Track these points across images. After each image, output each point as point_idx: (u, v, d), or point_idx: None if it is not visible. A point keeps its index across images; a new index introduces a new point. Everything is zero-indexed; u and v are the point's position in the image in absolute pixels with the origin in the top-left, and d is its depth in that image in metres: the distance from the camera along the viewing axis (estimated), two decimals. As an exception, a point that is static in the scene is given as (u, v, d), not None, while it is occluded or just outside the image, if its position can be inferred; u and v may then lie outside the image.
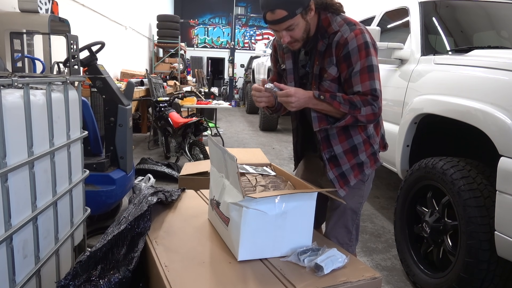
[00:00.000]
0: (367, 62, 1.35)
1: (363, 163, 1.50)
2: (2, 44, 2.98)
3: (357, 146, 1.48)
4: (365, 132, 1.48)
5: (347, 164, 1.49)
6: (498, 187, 1.66)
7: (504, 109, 1.69)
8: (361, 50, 1.34)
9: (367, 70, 1.35)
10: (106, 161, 2.57)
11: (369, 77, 1.35)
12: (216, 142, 1.42)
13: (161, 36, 10.26)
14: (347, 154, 1.48)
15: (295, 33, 1.36)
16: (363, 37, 1.34)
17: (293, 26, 1.34)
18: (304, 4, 1.32)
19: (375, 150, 1.52)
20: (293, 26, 1.34)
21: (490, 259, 1.73)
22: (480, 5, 2.90)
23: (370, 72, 1.35)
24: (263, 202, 1.23)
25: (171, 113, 4.73)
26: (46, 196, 1.48)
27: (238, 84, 16.28)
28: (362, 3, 7.97)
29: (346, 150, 1.47)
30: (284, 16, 1.31)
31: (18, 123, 1.27)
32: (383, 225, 3.16)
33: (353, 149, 1.48)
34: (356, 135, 1.47)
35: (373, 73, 1.36)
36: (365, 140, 1.48)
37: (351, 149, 1.48)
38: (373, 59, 1.36)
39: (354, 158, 1.49)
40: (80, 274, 1.23)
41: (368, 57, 1.35)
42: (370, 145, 1.50)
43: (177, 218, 1.59)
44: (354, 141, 1.47)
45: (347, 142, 1.47)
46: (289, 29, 1.35)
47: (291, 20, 1.32)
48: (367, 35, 1.36)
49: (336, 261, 1.24)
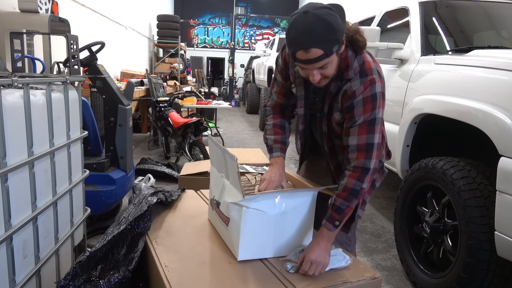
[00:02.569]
0: (371, 116, 1.28)
1: (375, 180, 1.51)
2: (2, 44, 2.98)
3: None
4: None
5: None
6: (498, 187, 1.66)
7: (504, 109, 1.69)
8: (367, 103, 1.27)
9: (367, 124, 1.29)
10: (106, 161, 2.57)
11: (368, 131, 1.29)
12: (216, 142, 1.42)
13: (161, 36, 10.26)
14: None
15: (327, 71, 1.24)
16: (371, 89, 1.27)
17: (327, 65, 1.22)
18: (340, 40, 1.19)
19: (382, 163, 1.52)
20: (327, 65, 1.22)
21: (490, 259, 1.73)
22: (480, 5, 2.90)
23: (370, 126, 1.29)
24: (263, 202, 1.23)
25: (171, 113, 4.72)
26: (46, 196, 1.48)
27: (238, 84, 16.28)
28: (362, 3, 7.98)
29: None
30: (320, 56, 1.16)
31: (18, 123, 1.27)
32: (383, 225, 3.16)
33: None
34: None
35: (374, 127, 1.29)
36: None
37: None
38: (378, 112, 1.29)
39: None
40: (80, 274, 1.23)
41: (374, 111, 1.28)
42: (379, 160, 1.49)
43: (177, 218, 1.59)
44: None
45: None
46: (322, 68, 1.22)
47: (327, 59, 1.18)
48: (378, 84, 1.29)
49: (336, 261, 1.24)
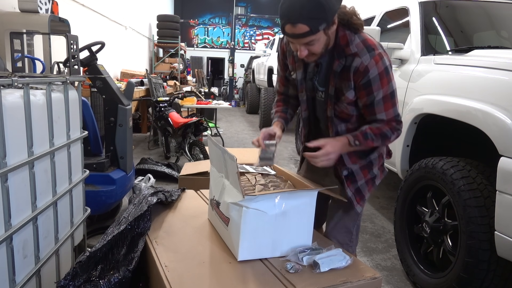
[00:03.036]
0: (389, 89, 1.34)
1: (375, 177, 1.55)
2: (2, 44, 2.98)
3: (373, 161, 1.52)
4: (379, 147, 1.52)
5: (363, 180, 1.52)
6: (498, 187, 1.66)
7: (504, 109, 1.69)
8: (383, 77, 1.32)
9: (390, 97, 1.35)
10: (106, 161, 2.57)
11: (392, 104, 1.37)
12: (216, 142, 1.42)
13: (161, 36, 10.25)
14: (363, 170, 1.52)
15: (314, 48, 1.28)
16: (383, 63, 1.31)
17: (313, 42, 1.25)
18: (328, 20, 1.22)
19: (383, 161, 1.57)
20: (313, 42, 1.25)
21: (490, 259, 1.73)
22: (480, 5, 2.90)
23: (392, 99, 1.36)
24: (263, 202, 1.23)
25: (171, 113, 4.72)
26: (46, 196, 1.48)
27: (238, 84, 16.27)
28: (362, 3, 7.97)
29: (362, 166, 1.51)
30: (306, 32, 1.21)
31: (18, 123, 1.27)
32: (383, 225, 3.16)
33: (369, 165, 1.52)
34: (372, 152, 1.51)
35: (395, 98, 1.37)
36: (380, 155, 1.54)
37: (367, 165, 1.52)
38: (393, 84, 1.36)
39: (369, 173, 1.53)
40: (80, 275, 1.23)
41: (390, 84, 1.34)
42: (382, 157, 1.55)
43: (177, 218, 1.59)
44: (370, 158, 1.51)
45: (364, 160, 1.51)
46: (309, 44, 1.26)
47: (312, 36, 1.23)
48: (386, 58, 1.33)
49: (336, 260, 1.24)
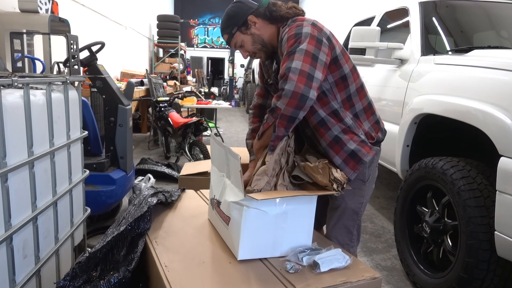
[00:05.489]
0: (292, 49, 1.29)
1: (356, 151, 1.43)
2: (2, 44, 2.99)
3: (339, 136, 1.43)
4: (342, 122, 1.43)
5: (338, 158, 1.43)
6: (498, 187, 1.65)
7: (504, 109, 1.69)
8: (290, 39, 1.32)
9: (288, 54, 1.29)
10: (106, 161, 2.57)
11: (289, 59, 1.27)
12: (219, 141, 1.43)
13: (161, 36, 10.26)
14: (333, 147, 1.43)
15: (245, 47, 1.51)
16: (296, 29, 1.33)
17: (240, 43, 1.50)
18: (238, 23, 1.46)
19: (363, 139, 1.45)
20: (240, 43, 1.50)
21: (490, 259, 1.73)
22: (480, 5, 2.90)
23: (291, 55, 1.27)
24: (264, 202, 1.23)
25: (171, 113, 4.73)
26: (46, 196, 1.48)
27: (238, 84, 16.28)
28: (362, 3, 7.98)
29: (330, 143, 1.44)
30: (228, 38, 1.51)
31: (18, 123, 1.27)
32: (383, 225, 3.16)
33: (337, 140, 1.43)
34: (333, 126, 1.43)
35: (294, 55, 1.27)
36: (345, 129, 1.43)
37: (335, 141, 1.43)
38: (303, 46, 1.28)
39: (343, 149, 1.43)
40: (79, 275, 1.23)
41: (295, 44, 1.29)
42: (354, 134, 1.44)
43: (177, 218, 1.59)
44: (334, 132, 1.43)
45: (327, 135, 1.43)
46: (240, 46, 1.51)
47: (233, 39, 1.50)
48: (307, 28, 1.32)
49: (336, 261, 1.24)
